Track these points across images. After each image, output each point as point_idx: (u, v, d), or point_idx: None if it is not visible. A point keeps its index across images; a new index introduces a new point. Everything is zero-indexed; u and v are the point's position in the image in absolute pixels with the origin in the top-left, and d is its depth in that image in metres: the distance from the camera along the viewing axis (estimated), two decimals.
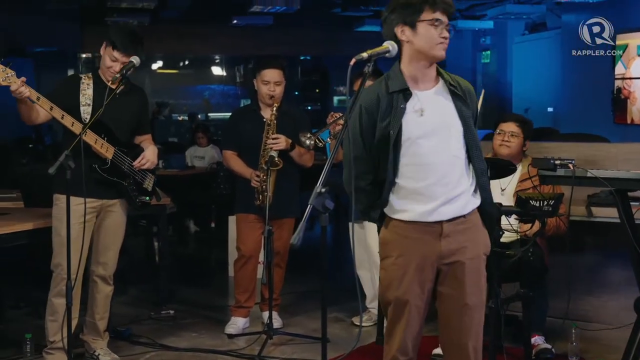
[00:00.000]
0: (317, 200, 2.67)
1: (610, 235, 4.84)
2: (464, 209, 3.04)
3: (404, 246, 3.05)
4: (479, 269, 3.07)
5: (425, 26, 2.95)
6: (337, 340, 4.81)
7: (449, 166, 3.01)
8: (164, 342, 5.00)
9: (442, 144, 3.00)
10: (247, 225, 5.19)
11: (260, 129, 5.05)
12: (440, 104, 3.04)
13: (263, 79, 5.11)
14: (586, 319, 5.14)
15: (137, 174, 4.47)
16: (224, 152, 5.32)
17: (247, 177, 5.07)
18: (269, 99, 5.08)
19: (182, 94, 18.11)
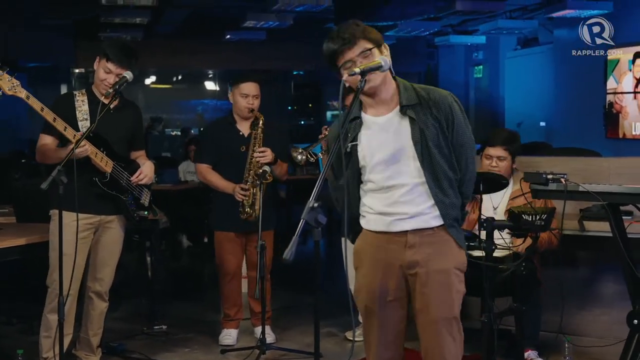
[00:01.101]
0: (309, 214, 2.67)
1: (602, 249, 4.85)
2: (428, 223, 3.06)
3: (371, 255, 3.12)
4: (447, 282, 3.06)
5: None
6: (330, 355, 4.80)
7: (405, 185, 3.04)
8: (157, 358, 4.98)
9: (395, 170, 3.04)
10: (229, 243, 5.18)
11: (237, 141, 5.07)
12: (393, 127, 3.05)
13: (241, 92, 5.12)
14: (579, 333, 5.14)
15: (134, 189, 4.47)
16: (198, 165, 5.30)
17: (229, 191, 5.06)
18: (247, 112, 5.10)
19: (176, 108, 18.11)
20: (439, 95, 3.09)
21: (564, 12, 9.41)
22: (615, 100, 9.52)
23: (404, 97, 3.05)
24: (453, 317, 3.09)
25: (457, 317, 3.10)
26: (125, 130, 4.49)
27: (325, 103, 17.44)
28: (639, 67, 9.24)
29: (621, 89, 9.47)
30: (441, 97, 3.08)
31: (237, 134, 5.14)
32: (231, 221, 5.09)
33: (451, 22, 11.67)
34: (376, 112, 3.08)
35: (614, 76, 9.56)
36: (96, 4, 8.74)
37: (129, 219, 4.49)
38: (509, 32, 12.10)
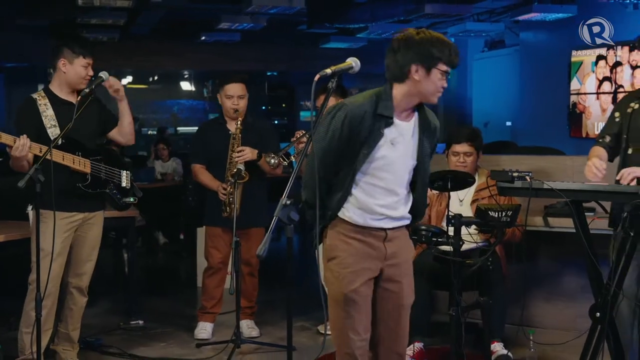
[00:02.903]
0: (282, 212, 2.69)
1: (566, 244, 4.89)
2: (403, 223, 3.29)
3: (352, 247, 3.17)
4: (411, 272, 3.33)
5: (438, 74, 3.07)
6: (303, 348, 4.82)
7: (397, 195, 3.20)
8: (134, 352, 4.96)
9: (397, 174, 3.18)
10: (214, 238, 5.22)
11: (227, 141, 5.07)
12: (408, 138, 3.17)
13: (227, 93, 5.14)
14: (544, 325, 5.19)
15: (114, 177, 4.44)
16: (193, 166, 5.33)
17: (215, 189, 5.08)
18: (233, 113, 5.11)
19: (152, 108, 18.00)
20: (434, 120, 3.27)
21: (530, 15, 9.47)
22: (578, 101, 9.60)
23: (429, 114, 3.23)
24: (410, 304, 3.32)
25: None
26: (95, 124, 4.45)
27: (299, 103, 17.44)
28: (601, 69, 9.33)
29: (584, 89, 9.56)
30: (436, 123, 3.27)
31: (226, 134, 5.15)
32: (219, 218, 5.11)
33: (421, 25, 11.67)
34: (403, 117, 3.18)
35: (578, 77, 9.65)
36: (73, 5, 8.66)
37: (117, 207, 4.48)
38: (476, 35, 12.16)
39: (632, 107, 4.06)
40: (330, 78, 2.92)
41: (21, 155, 3.96)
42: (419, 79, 3.07)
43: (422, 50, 3.04)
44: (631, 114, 4.04)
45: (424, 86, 3.08)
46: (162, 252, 9.41)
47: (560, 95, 9.78)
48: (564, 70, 9.71)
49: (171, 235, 9.57)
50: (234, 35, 11.58)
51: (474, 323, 4.87)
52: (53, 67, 4.37)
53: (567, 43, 9.80)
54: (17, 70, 13.72)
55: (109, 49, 11.50)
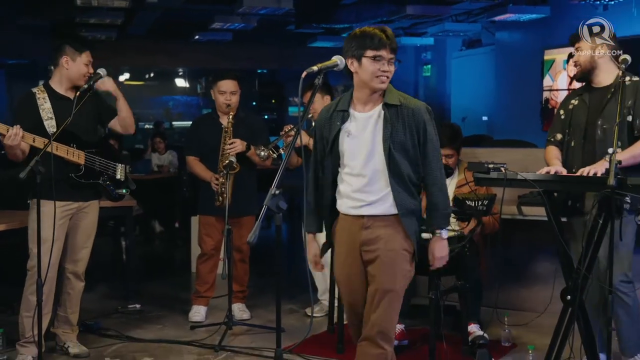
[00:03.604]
0: (271, 201, 2.69)
1: (538, 231, 4.91)
2: (385, 211, 3.22)
3: (340, 235, 3.32)
4: (394, 260, 3.21)
5: (368, 61, 3.12)
6: (291, 330, 4.82)
7: (369, 179, 3.21)
8: (131, 334, 4.95)
9: (361, 160, 3.21)
10: (207, 226, 5.23)
11: (219, 135, 5.07)
12: (369, 127, 3.20)
13: (220, 89, 5.14)
14: (518, 308, 5.21)
15: (109, 168, 4.42)
16: (188, 158, 5.34)
17: (208, 180, 5.08)
18: (225, 108, 5.11)
19: (148, 104, 17.94)
20: (415, 105, 3.24)
21: (505, 15, 9.49)
22: (551, 97, 9.64)
23: (388, 97, 3.20)
24: (391, 290, 3.20)
25: (397, 291, 3.22)
26: (91, 119, 4.42)
27: (287, 99, 17.42)
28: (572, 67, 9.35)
29: (556, 86, 9.59)
30: (417, 108, 3.23)
31: (219, 128, 5.14)
32: (212, 207, 5.11)
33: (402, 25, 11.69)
34: (363, 108, 3.23)
35: (550, 75, 9.68)
36: (72, 5, 8.61)
37: (110, 198, 4.46)
38: (454, 35, 12.17)
39: (572, 103, 4.12)
40: (316, 75, 2.93)
41: (13, 144, 3.94)
42: (356, 70, 3.17)
43: (348, 45, 3.17)
44: (572, 110, 4.10)
45: (362, 75, 3.16)
46: (158, 239, 9.38)
47: (534, 91, 9.81)
48: (537, 67, 9.74)
49: (167, 224, 9.55)
50: (226, 35, 11.56)
51: (452, 306, 4.88)
52: (55, 64, 4.34)
53: (540, 42, 9.83)
54: (18, 67, 13.63)
55: (106, 48, 11.43)
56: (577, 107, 4.09)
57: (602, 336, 3.93)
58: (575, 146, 4.06)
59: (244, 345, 4.68)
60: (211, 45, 12.67)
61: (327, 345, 4.63)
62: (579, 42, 4.06)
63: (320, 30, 12.03)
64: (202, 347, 4.70)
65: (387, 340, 3.21)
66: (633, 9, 8.32)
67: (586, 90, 4.10)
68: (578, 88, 4.23)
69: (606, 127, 3.90)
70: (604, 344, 3.75)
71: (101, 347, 4.67)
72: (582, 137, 4.02)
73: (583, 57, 4.03)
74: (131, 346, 4.74)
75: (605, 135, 3.90)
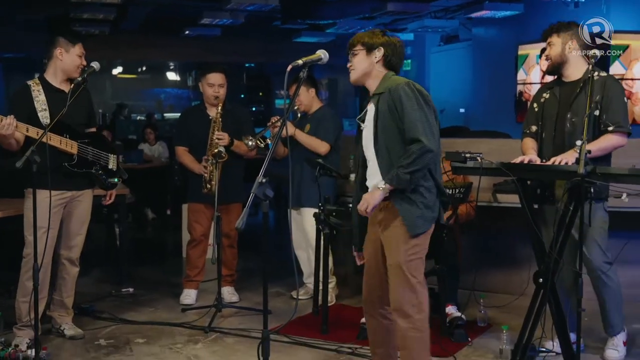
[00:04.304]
0: (258, 189, 2.68)
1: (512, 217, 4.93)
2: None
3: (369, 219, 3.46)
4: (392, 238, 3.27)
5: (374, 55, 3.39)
6: (277, 312, 4.82)
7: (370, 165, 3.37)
8: (124, 317, 4.93)
9: (366, 148, 3.37)
10: (196, 213, 5.21)
11: (207, 126, 5.04)
12: (370, 117, 3.34)
13: (208, 82, 5.11)
14: (493, 290, 5.24)
15: (101, 158, 4.38)
16: (177, 148, 5.31)
17: (196, 171, 5.06)
18: (214, 100, 5.08)
19: (140, 96, 17.85)
20: (395, 84, 3.27)
21: (481, 12, 9.50)
22: (524, 90, 9.65)
23: (378, 87, 3.34)
24: (398, 265, 3.24)
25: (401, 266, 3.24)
26: (83, 112, 4.39)
27: (274, 92, 17.38)
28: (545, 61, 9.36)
29: (530, 80, 9.61)
30: (395, 87, 3.25)
31: (207, 119, 5.12)
32: (200, 195, 5.09)
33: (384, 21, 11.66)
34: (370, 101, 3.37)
35: (524, 69, 9.69)
36: (66, 1, 8.52)
37: (102, 186, 4.43)
38: (433, 30, 12.16)
39: (544, 97, 4.14)
40: (301, 68, 2.90)
41: (7, 134, 3.88)
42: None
43: None
44: (544, 103, 4.11)
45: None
46: (151, 226, 9.35)
47: (508, 84, 9.83)
48: (511, 62, 9.75)
49: (159, 211, 9.52)
50: (215, 30, 11.51)
51: (430, 288, 4.85)
52: (49, 56, 4.29)
53: (514, 38, 9.84)
54: (15, 60, 13.51)
55: (100, 42, 11.32)
56: (549, 101, 4.10)
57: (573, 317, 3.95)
58: (546, 138, 4.07)
59: (233, 327, 4.68)
60: (201, 40, 12.61)
61: (311, 326, 4.64)
62: (551, 37, 4.06)
63: (305, 26, 12.00)
64: (193, 328, 4.68)
65: (404, 315, 3.25)
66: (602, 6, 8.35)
67: (557, 84, 4.11)
68: (550, 82, 4.24)
69: (575, 120, 3.92)
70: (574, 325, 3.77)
71: (96, 329, 4.65)
72: (553, 129, 4.03)
73: (554, 52, 4.04)
74: (124, 328, 4.72)
75: (574, 128, 3.92)
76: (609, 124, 3.86)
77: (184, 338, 4.52)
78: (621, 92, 3.94)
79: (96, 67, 4.22)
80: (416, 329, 3.23)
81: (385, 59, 3.37)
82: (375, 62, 3.36)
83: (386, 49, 3.36)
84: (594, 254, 3.92)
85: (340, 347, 4.25)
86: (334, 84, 16.14)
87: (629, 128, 3.89)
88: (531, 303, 3.77)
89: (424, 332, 3.27)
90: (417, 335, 3.24)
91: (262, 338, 2.76)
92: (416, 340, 3.25)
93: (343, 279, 5.67)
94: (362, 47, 3.36)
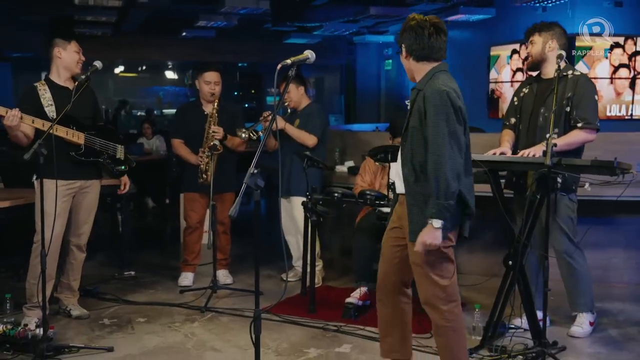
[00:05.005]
0: (250, 179, 2.66)
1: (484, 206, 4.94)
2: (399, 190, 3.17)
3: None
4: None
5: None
6: (268, 293, 4.82)
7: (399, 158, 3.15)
8: (126, 298, 4.92)
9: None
10: (192, 202, 5.21)
11: (203, 121, 5.03)
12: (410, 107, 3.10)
13: (205, 79, 5.09)
14: (467, 272, 5.26)
15: (109, 148, 4.36)
16: (173, 140, 5.29)
17: (192, 162, 5.06)
18: (210, 96, 5.07)
19: (141, 93, 17.75)
20: (429, 89, 2.98)
21: (457, 16, 9.51)
22: (496, 88, 9.69)
23: (420, 82, 3.07)
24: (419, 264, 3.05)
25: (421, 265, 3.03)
26: (89, 107, 4.36)
27: (265, 89, 17.33)
28: (515, 61, 9.41)
29: (501, 78, 9.64)
30: (429, 92, 2.97)
31: (202, 114, 5.11)
32: (196, 184, 5.07)
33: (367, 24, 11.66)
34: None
35: (495, 68, 9.72)
36: (70, 4, 8.45)
37: (111, 175, 4.40)
38: None
39: (524, 92, 4.15)
40: (290, 67, 2.89)
41: (13, 125, 3.85)
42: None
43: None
44: (523, 98, 4.13)
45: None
46: (151, 214, 9.31)
47: (481, 83, 9.86)
48: (483, 62, 9.79)
49: (158, 200, 9.49)
50: (210, 31, 11.46)
51: None
52: (50, 58, 4.26)
53: (487, 40, 9.87)
54: (23, 60, 13.39)
55: (102, 43, 11.26)
56: (527, 95, 4.11)
57: (540, 296, 3.98)
58: (522, 130, 4.09)
59: (227, 307, 4.68)
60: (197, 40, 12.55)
61: (300, 306, 4.65)
62: (533, 35, 4.07)
63: (294, 28, 11.97)
64: (190, 308, 4.68)
65: (432, 307, 3.08)
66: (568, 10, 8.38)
67: (535, 80, 4.12)
68: (530, 77, 4.24)
69: (547, 114, 3.93)
70: (541, 303, 3.80)
71: (100, 310, 4.64)
72: (528, 123, 4.05)
73: (534, 50, 4.05)
74: (127, 308, 4.71)
75: (545, 122, 3.93)
76: (578, 120, 3.87)
77: (182, 317, 4.52)
78: (592, 91, 3.94)
79: (99, 65, 4.19)
80: (446, 319, 3.06)
81: (411, 53, 3.08)
82: (405, 59, 3.12)
83: (407, 43, 3.07)
84: (559, 240, 3.95)
85: (327, 325, 4.26)
86: (320, 82, 16.11)
87: (597, 125, 3.89)
88: (501, 284, 3.80)
89: (454, 321, 3.07)
90: (448, 325, 3.07)
91: (254, 317, 2.76)
92: (447, 329, 3.08)
93: (329, 262, 5.68)
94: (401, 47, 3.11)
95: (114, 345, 3.92)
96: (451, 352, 3.11)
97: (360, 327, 4.22)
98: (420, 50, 3.05)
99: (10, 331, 3.82)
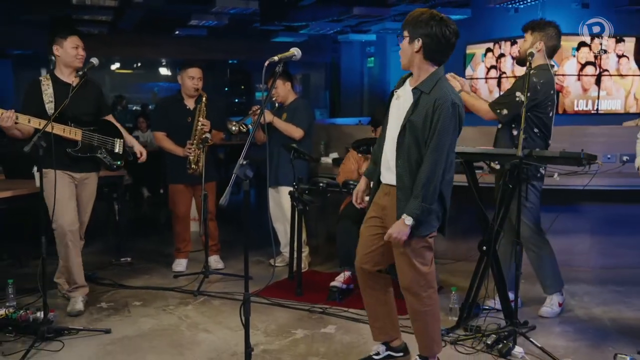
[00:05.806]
0: (240, 170, 2.65)
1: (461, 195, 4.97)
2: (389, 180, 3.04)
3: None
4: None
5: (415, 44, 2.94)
6: (257, 277, 4.82)
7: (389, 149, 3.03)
8: (123, 283, 4.90)
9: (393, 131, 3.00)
10: (178, 193, 5.19)
11: (184, 115, 5.02)
12: (406, 103, 2.96)
13: (189, 75, 5.06)
14: (445, 257, 5.29)
15: (107, 143, 4.32)
16: (155, 133, 5.24)
17: (179, 154, 5.03)
18: (194, 91, 5.06)
19: (136, 89, 17.61)
20: (440, 96, 2.85)
21: None
22: (471, 84, 9.71)
23: (424, 83, 2.91)
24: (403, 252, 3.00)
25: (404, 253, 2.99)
26: (90, 103, 4.30)
27: (254, 85, 17.28)
28: (489, 59, 9.43)
29: (476, 75, 9.67)
30: (442, 103, 2.83)
31: (184, 108, 5.06)
32: (181, 176, 5.05)
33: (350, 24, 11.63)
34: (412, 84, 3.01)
35: (471, 66, 9.74)
36: (68, 4, 8.35)
37: (108, 169, 4.36)
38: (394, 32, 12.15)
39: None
40: (277, 64, 2.87)
41: (7, 125, 3.80)
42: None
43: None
44: None
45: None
46: (146, 203, 9.26)
47: None
48: (460, 60, 9.80)
49: (153, 190, 9.44)
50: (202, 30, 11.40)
51: None
52: (52, 55, 4.21)
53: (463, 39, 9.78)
54: (24, 57, 13.24)
55: (99, 41, 11.14)
56: None
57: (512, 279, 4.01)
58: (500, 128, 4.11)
59: (219, 291, 4.67)
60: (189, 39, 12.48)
61: (287, 289, 4.65)
62: (526, 32, 4.08)
63: (281, 27, 11.92)
64: (184, 292, 4.67)
65: (413, 293, 3.04)
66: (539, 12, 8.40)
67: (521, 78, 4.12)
68: None
69: None
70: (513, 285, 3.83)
71: (98, 294, 4.61)
72: None
73: (523, 47, 4.07)
74: (123, 292, 4.69)
75: None
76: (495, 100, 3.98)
77: (176, 301, 4.51)
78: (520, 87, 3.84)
79: (95, 62, 4.15)
80: (424, 304, 3.04)
81: (425, 50, 2.90)
82: (415, 52, 2.91)
83: (425, 40, 2.88)
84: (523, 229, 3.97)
85: (313, 307, 4.27)
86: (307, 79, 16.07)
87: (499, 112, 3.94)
88: (476, 268, 3.82)
89: (432, 306, 3.06)
90: (426, 309, 3.05)
91: (244, 300, 2.76)
92: (426, 314, 3.06)
93: (315, 249, 5.68)
94: (407, 33, 2.91)
95: (111, 328, 3.90)
96: (427, 335, 3.12)
97: (344, 309, 4.23)
98: (436, 52, 2.91)
99: (12, 314, 3.80)
